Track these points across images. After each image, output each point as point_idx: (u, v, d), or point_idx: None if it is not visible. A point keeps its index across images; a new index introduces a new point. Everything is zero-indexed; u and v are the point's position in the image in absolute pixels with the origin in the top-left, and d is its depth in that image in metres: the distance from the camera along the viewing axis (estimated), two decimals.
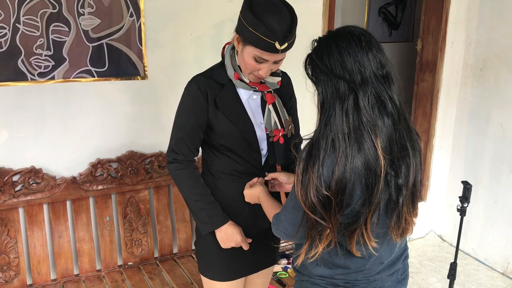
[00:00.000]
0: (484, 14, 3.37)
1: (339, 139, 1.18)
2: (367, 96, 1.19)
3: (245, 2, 1.50)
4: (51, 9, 2.28)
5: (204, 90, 1.62)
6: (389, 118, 1.22)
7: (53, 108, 2.41)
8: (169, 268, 2.62)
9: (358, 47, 1.20)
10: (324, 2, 3.05)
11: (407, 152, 1.25)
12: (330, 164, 1.18)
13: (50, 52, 2.33)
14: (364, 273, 1.35)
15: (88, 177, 2.50)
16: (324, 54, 1.22)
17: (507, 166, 3.27)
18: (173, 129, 1.71)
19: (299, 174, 1.22)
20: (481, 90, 3.44)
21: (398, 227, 1.29)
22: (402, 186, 1.24)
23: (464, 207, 2.35)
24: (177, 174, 1.70)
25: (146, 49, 2.54)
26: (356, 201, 1.21)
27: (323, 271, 1.36)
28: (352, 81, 1.19)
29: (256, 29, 1.44)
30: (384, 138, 1.21)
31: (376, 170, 1.19)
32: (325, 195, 1.19)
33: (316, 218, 1.22)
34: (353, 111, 1.18)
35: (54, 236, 2.45)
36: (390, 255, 1.38)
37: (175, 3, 2.58)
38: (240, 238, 1.71)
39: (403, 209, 1.27)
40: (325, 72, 1.22)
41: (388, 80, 1.23)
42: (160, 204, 2.70)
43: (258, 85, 1.65)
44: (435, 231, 3.91)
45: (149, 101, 2.62)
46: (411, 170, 1.26)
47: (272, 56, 1.51)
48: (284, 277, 2.60)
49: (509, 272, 3.33)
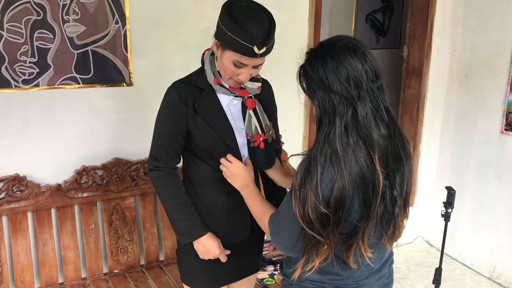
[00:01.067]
0: (468, 21, 3.41)
1: (338, 155, 1.16)
2: (365, 110, 1.18)
3: (223, 8, 1.50)
4: (35, 16, 2.27)
5: (184, 96, 1.62)
6: (385, 129, 1.22)
7: (38, 115, 2.40)
8: (155, 276, 2.60)
9: (354, 59, 1.19)
10: (310, 9, 3.06)
11: (402, 163, 1.25)
12: (329, 181, 1.17)
13: (35, 59, 2.32)
14: (354, 278, 1.36)
15: (73, 185, 2.48)
16: (320, 68, 1.20)
17: (493, 172, 3.30)
18: (153, 136, 1.70)
19: (296, 189, 1.21)
20: (466, 96, 3.47)
21: (392, 236, 1.31)
22: (397, 197, 1.25)
23: (448, 212, 2.37)
24: (158, 182, 1.69)
25: (132, 56, 2.54)
26: (354, 216, 1.21)
27: (314, 276, 1.35)
28: (350, 96, 1.17)
29: (235, 33, 1.44)
30: (381, 151, 1.20)
31: (374, 184, 1.18)
32: (323, 212, 1.17)
33: (313, 234, 1.21)
34: (351, 126, 1.17)
35: (38, 244, 2.43)
36: (380, 261, 1.39)
37: (161, 10, 2.58)
38: (218, 251, 1.69)
39: (398, 218, 1.28)
40: (321, 87, 1.20)
41: (382, 91, 1.23)
42: (146, 211, 2.69)
43: (239, 90, 1.65)
44: (422, 237, 3.93)
45: (135, 108, 2.61)
46: (405, 179, 1.27)
47: (251, 61, 1.51)
48: (270, 284, 2.59)
49: (495, 277, 3.34)
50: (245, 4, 1.51)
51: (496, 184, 3.28)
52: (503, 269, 3.29)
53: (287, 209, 1.28)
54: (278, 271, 2.69)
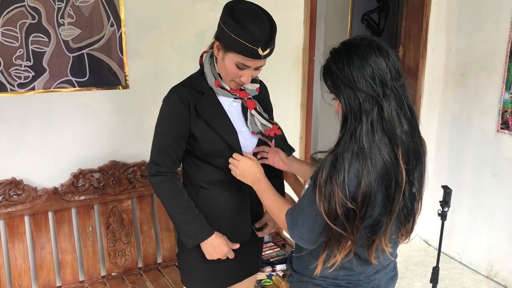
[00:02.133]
0: (463, 21, 3.42)
1: (365, 151, 1.19)
2: (390, 107, 1.21)
3: (225, 9, 1.51)
4: (31, 20, 2.27)
5: (185, 100, 1.61)
6: (408, 126, 1.25)
7: (34, 118, 2.40)
8: (153, 278, 2.60)
9: (379, 57, 1.22)
10: (305, 10, 3.07)
11: (421, 159, 1.29)
12: (354, 177, 1.19)
13: (30, 63, 2.32)
14: (366, 273, 1.39)
15: (70, 188, 2.48)
16: (346, 66, 1.22)
17: (489, 170, 3.31)
18: (154, 141, 1.68)
19: (321, 185, 1.22)
20: (462, 95, 3.49)
21: (410, 230, 1.35)
22: (416, 193, 1.29)
23: (444, 211, 2.37)
24: (161, 187, 1.67)
25: (127, 59, 2.54)
26: (377, 211, 1.24)
27: (327, 272, 1.36)
28: (376, 94, 1.20)
29: (239, 35, 1.45)
30: (403, 147, 1.23)
31: (397, 180, 1.21)
32: (350, 208, 1.20)
33: (338, 230, 1.23)
34: (377, 123, 1.20)
35: (35, 247, 2.43)
36: (393, 256, 1.43)
37: (156, 12, 2.59)
38: (226, 249, 1.69)
39: (416, 215, 1.33)
40: (347, 85, 1.22)
41: (405, 89, 1.26)
42: (144, 213, 2.69)
43: (239, 91, 1.66)
44: (420, 236, 3.94)
45: (131, 111, 2.62)
46: (423, 176, 1.31)
47: (254, 62, 1.52)
48: (268, 285, 2.59)
49: (493, 275, 3.35)
50: (246, 6, 1.53)
51: (493, 183, 3.29)
52: (501, 267, 3.30)
53: (308, 205, 1.29)
54: (275, 272, 2.69)
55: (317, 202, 1.23)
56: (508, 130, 3.14)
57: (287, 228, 1.37)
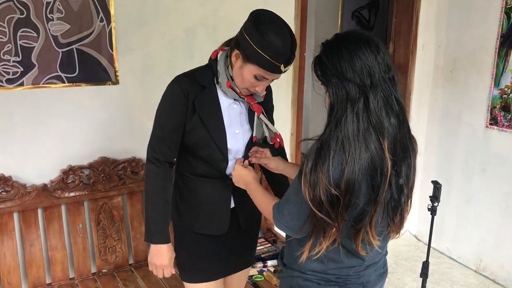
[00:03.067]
0: (453, 17, 3.44)
1: (349, 140, 1.21)
2: (377, 98, 1.23)
3: (250, 21, 1.49)
4: (19, 15, 2.25)
5: (186, 90, 1.62)
6: (395, 119, 1.26)
7: (23, 114, 2.38)
8: (144, 275, 2.59)
9: (368, 51, 1.24)
10: (296, 6, 3.07)
11: (409, 153, 1.30)
12: (338, 164, 1.21)
13: (19, 58, 2.29)
14: (355, 268, 1.40)
15: (59, 184, 2.46)
16: (335, 57, 1.25)
17: (478, 166, 3.34)
18: (154, 127, 1.70)
19: (307, 173, 1.24)
20: (451, 91, 3.51)
21: (399, 225, 1.36)
22: (404, 186, 1.30)
23: (434, 206, 2.39)
24: (150, 175, 1.70)
25: (117, 54, 2.52)
26: (362, 200, 1.25)
27: (317, 266, 1.38)
28: (363, 84, 1.22)
29: (264, 50, 1.45)
30: (390, 139, 1.25)
31: (382, 170, 1.23)
32: (334, 194, 1.22)
33: (322, 216, 1.25)
34: (363, 113, 1.22)
35: (25, 244, 2.41)
36: (384, 249, 1.45)
37: (146, 8, 2.57)
38: (167, 263, 1.72)
39: (404, 208, 1.34)
40: (336, 75, 1.25)
41: (394, 82, 1.28)
42: (134, 210, 2.68)
43: (247, 96, 1.67)
44: (410, 231, 3.96)
45: (121, 106, 2.60)
46: (411, 170, 1.32)
47: (274, 76, 1.54)
48: (259, 280, 2.60)
49: (482, 270, 3.39)
50: (271, 17, 1.51)
51: (482, 178, 3.32)
52: (489, 262, 3.33)
53: (293, 193, 1.32)
54: (267, 268, 2.70)
55: (302, 189, 1.25)
56: (497, 126, 3.17)
57: (273, 218, 1.40)
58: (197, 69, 1.70)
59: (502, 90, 3.10)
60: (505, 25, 3.05)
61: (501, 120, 3.13)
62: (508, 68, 3.06)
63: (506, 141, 3.13)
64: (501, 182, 3.19)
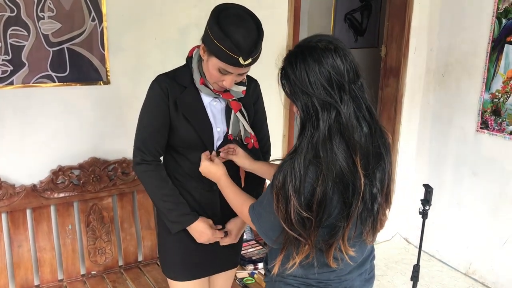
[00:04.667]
0: (445, 21, 3.45)
1: (321, 159, 1.16)
2: (348, 112, 1.18)
3: (212, 14, 1.50)
4: (9, 13, 2.22)
5: (165, 90, 1.63)
6: (367, 127, 1.22)
7: (12, 114, 2.34)
8: (133, 277, 2.57)
9: (336, 61, 1.18)
10: (289, 8, 3.07)
11: (382, 159, 1.26)
12: (309, 184, 1.17)
13: (8, 57, 2.26)
14: (336, 273, 1.37)
15: (49, 185, 2.43)
16: (302, 71, 1.19)
17: (469, 169, 3.35)
18: (137, 129, 1.70)
19: (278, 192, 1.20)
20: (443, 94, 3.52)
21: (373, 232, 1.32)
22: (377, 194, 1.25)
23: (425, 209, 2.39)
24: (145, 175, 1.70)
25: (109, 54, 2.50)
26: (334, 217, 1.21)
27: (297, 271, 1.35)
28: (334, 100, 1.17)
29: (222, 43, 1.45)
30: (362, 152, 1.21)
31: (355, 186, 1.19)
32: (305, 216, 1.18)
33: (294, 235, 1.21)
34: (335, 129, 1.18)
35: (13, 246, 2.38)
36: (362, 256, 1.41)
37: (139, 7, 2.55)
38: (210, 235, 1.72)
39: (378, 215, 1.28)
40: (304, 92, 1.19)
41: (363, 89, 1.23)
42: (124, 211, 2.66)
43: (222, 93, 1.66)
44: (401, 234, 3.97)
45: (112, 107, 2.58)
46: (386, 173, 1.28)
47: (236, 70, 1.53)
48: (250, 283, 2.58)
49: (471, 273, 3.40)
50: (235, 12, 1.51)
51: (472, 181, 3.34)
52: (479, 265, 3.35)
53: (267, 202, 1.28)
54: (257, 270, 2.69)
55: (274, 208, 1.22)
56: (487, 130, 3.19)
57: (252, 222, 1.37)
58: (177, 69, 1.71)
59: (493, 94, 3.12)
60: (497, 30, 3.07)
61: (492, 124, 3.15)
62: (499, 72, 3.08)
63: (497, 145, 3.15)
64: (492, 186, 3.20)
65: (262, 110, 1.88)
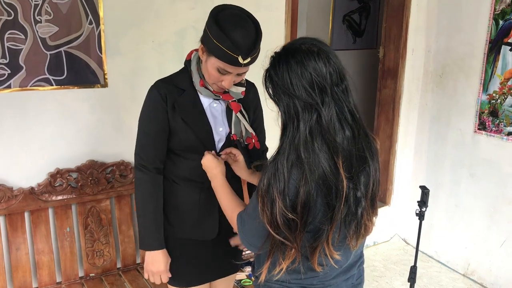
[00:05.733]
0: (442, 23, 3.46)
1: (304, 160, 1.17)
2: (330, 114, 1.18)
3: (211, 14, 1.51)
4: (6, 16, 2.23)
5: (164, 95, 1.63)
6: (350, 131, 1.22)
7: (10, 117, 2.35)
8: (132, 279, 2.58)
9: (318, 63, 1.19)
10: (286, 10, 3.07)
11: (366, 163, 1.25)
12: (293, 186, 1.18)
13: (6, 60, 2.27)
14: (319, 278, 1.36)
15: (47, 188, 2.44)
16: (285, 73, 1.20)
17: (466, 170, 3.36)
18: (138, 134, 1.71)
19: (263, 195, 1.21)
20: (441, 96, 3.53)
21: (357, 236, 1.30)
22: (361, 198, 1.25)
23: (422, 211, 2.40)
24: (139, 183, 1.71)
25: (106, 57, 2.51)
26: (318, 219, 1.21)
27: (282, 276, 1.34)
28: (315, 102, 1.18)
29: (221, 42, 1.46)
30: (345, 154, 1.21)
31: (338, 188, 1.19)
32: (290, 218, 1.18)
33: (280, 239, 1.21)
34: (316, 131, 1.18)
35: (11, 248, 2.38)
36: (347, 261, 1.39)
37: (136, 10, 2.56)
38: (162, 269, 1.73)
39: (362, 219, 1.28)
40: (286, 93, 1.20)
41: (347, 92, 1.23)
42: (122, 213, 2.66)
43: (222, 94, 1.67)
44: (399, 235, 3.98)
45: (110, 109, 2.58)
46: (371, 178, 1.27)
47: (235, 69, 1.53)
48: (248, 285, 2.59)
49: (470, 274, 3.41)
50: (233, 12, 1.52)
51: (470, 183, 3.34)
52: (477, 266, 3.35)
53: (253, 209, 1.29)
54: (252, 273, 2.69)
55: (260, 211, 1.22)
56: (485, 131, 3.19)
57: (238, 231, 1.38)
58: (174, 74, 1.72)
59: (490, 96, 3.13)
60: (494, 31, 3.07)
61: (489, 125, 3.15)
62: (496, 73, 3.09)
63: (494, 146, 3.15)
64: (489, 187, 3.21)
65: (261, 116, 1.89)
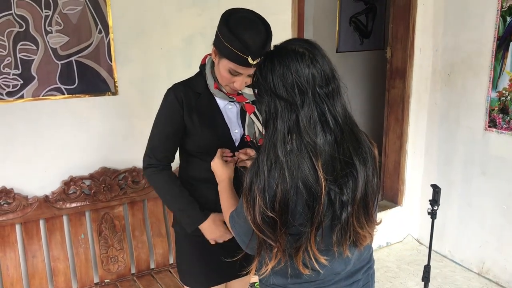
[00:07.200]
0: (449, 21, 3.46)
1: (282, 159, 1.18)
2: (309, 116, 1.18)
3: (222, 18, 1.55)
4: (18, 28, 2.27)
5: (180, 98, 1.68)
6: (332, 135, 1.21)
7: (23, 127, 2.39)
8: (146, 284, 2.60)
9: (301, 65, 1.19)
10: (292, 14, 3.09)
11: (353, 168, 1.23)
12: (272, 184, 1.19)
13: (18, 71, 2.31)
14: (317, 283, 1.35)
15: (61, 195, 2.48)
16: (268, 73, 1.22)
17: (478, 168, 3.34)
18: (150, 135, 1.76)
19: (246, 193, 1.23)
20: (449, 94, 3.52)
21: (342, 242, 1.28)
22: (347, 202, 1.23)
23: (434, 210, 2.39)
24: (153, 177, 1.76)
25: (116, 65, 2.54)
26: (299, 220, 1.22)
27: (278, 280, 1.37)
28: (293, 103, 1.18)
29: (231, 43, 1.49)
30: (326, 158, 1.20)
31: (316, 191, 1.18)
32: (270, 216, 1.19)
33: (264, 238, 1.23)
34: (294, 131, 1.19)
35: (27, 256, 2.42)
36: (345, 267, 1.37)
37: (144, 19, 2.59)
38: (220, 233, 1.74)
39: (347, 224, 1.25)
40: (268, 92, 1.22)
41: (332, 96, 1.22)
42: (136, 219, 2.69)
43: (236, 96, 1.71)
44: (412, 235, 3.96)
45: (121, 117, 2.62)
46: (359, 183, 1.24)
47: (246, 70, 1.56)
48: None
49: (485, 272, 3.38)
50: (244, 15, 1.56)
51: (481, 181, 3.33)
52: (492, 264, 3.33)
53: (241, 207, 1.30)
54: None
55: (245, 209, 1.24)
56: (495, 128, 3.18)
57: (230, 228, 1.42)
58: (191, 77, 1.76)
59: (500, 93, 3.11)
60: (501, 28, 3.06)
61: (500, 122, 3.14)
62: (505, 70, 3.07)
63: (505, 143, 3.13)
64: (501, 184, 3.19)
65: None
